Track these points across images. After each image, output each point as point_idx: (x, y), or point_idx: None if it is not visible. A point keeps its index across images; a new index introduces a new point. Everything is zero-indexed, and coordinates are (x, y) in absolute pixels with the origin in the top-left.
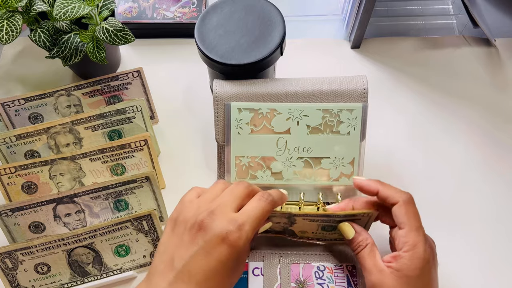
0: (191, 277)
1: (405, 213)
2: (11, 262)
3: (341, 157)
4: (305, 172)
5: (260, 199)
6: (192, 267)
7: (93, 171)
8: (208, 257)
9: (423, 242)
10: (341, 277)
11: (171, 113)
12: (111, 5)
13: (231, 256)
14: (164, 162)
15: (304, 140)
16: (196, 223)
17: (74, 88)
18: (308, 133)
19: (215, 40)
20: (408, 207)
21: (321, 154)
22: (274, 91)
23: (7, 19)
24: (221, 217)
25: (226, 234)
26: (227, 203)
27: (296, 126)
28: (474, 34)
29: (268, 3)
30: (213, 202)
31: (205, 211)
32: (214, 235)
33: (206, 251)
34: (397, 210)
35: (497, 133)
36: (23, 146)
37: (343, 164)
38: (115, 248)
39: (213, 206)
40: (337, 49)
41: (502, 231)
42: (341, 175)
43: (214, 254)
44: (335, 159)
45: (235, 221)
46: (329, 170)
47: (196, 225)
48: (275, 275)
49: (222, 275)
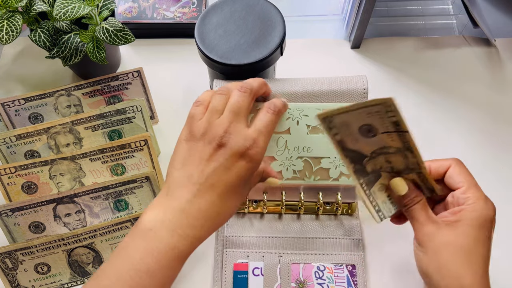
0: (214, 189)
1: (460, 173)
2: (11, 262)
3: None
4: (304, 171)
5: (268, 111)
6: (214, 181)
7: (93, 171)
8: (228, 171)
9: (485, 197)
10: (341, 277)
11: (171, 113)
12: (111, 5)
13: (248, 170)
14: (164, 162)
15: (304, 140)
16: (214, 141)
17: (74, 88)
18: (308, 133)
19: (215, 40)
20: (461, 166)
21: (321, 154)
22: (274, 91)
23: (7, 19)
24: (237, 134)
25: (244, 150)
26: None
27: (296, 126)
28: (474, 34)
29: (268, 3)
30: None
31: (221, 129)
32: (233, 152)
33: (226, 167)
34: (452, 172)
35: (497, 133)
36: (23, 146)
37: (343, 164)
38: (115, 248)
39: (225, 122)
40: (337, 49)
41: (502, 231)
42: (341, 175)
43: (234, 169)
44: (335, 158)
45: (251, 137)
46: (329, 170)
47: (214, 143)
48: (275, 275)
49: (239, 186)
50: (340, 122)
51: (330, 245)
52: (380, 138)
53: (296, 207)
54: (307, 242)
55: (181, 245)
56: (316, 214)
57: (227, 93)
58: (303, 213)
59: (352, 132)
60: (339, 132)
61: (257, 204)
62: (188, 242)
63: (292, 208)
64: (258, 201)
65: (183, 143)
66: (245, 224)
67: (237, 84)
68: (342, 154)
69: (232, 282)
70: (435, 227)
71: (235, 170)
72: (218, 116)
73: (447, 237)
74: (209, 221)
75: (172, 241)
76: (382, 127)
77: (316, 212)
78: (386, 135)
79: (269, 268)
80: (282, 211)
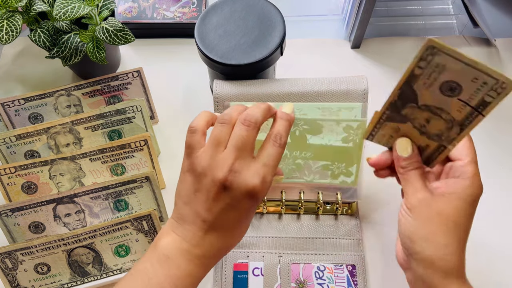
0: (223, 226)
1: (468, 146)
2: (11, 262)
3: (342, 164)
4: (304, 171)
5: (274, 144)
6: (222, 220)
7: (93, 171)
8: (236, 210)
9: (480, 176)
10: (341, 277)
11: (171, 113)
12: (111, 5)
13: (256, 205)
14: (164, 162)
15: (304, 147)
16: (219, 180)
17: (74, 88)
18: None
19: (215, 40)
20: (470, 140)
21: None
22: (274, 91)
23: (7, 19)
24: (243, 173)
25: (251, 190)
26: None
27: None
28: (474, 34)
29: (268, 3)
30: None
31: (226, 167)
32: (240, 193)
33: (233, 206)
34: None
35: (497, 133)
36: (23, 146)
37: (343, 169)
38: (115, 248)
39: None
40: (337, 49)
41: (502, 231)
42: (340, 175)
43: (242, 207)
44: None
45: (258, 175)
46: (328, 171)
47: (219, 183)
48: (275, 275)
49: (248, 218)
50: (439, 62)
51: (330, 245)
52: (451, 101)
53: (296, 207)
54: (307, 242)
55: (197, 272)
56: (316, 214)
57: (230, 123)
58: (303, 213)
59: (437, 78)
60: (425, 67)
61: None
62: (203, 269)
63: (292, 208)
64: None
65: (187, 175)
66: None
67: (241, 113)
68: (400, 85)
69: (232, 282)
70: (429, 195)
71: (243, 208)
72: (221, 149)
73: (440, 207)
74: (222, 250)
75: (189, 268)
76: (468, 95)
77: (316, 212)
78: (461, 104)
79: (269, 268)
80: (282, 211)
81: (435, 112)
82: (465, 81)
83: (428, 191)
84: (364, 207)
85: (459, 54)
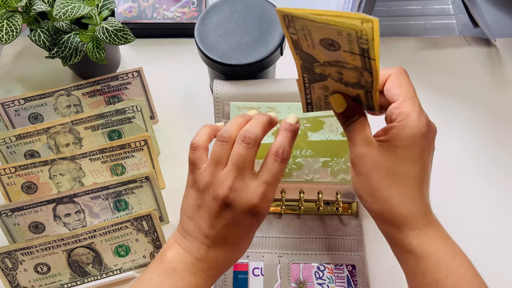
0: (226, 242)
1: (398, 84)
2: (11, 262)
3: (341, 159)
4: (304, 170)
5: (276, 159)
6: (225, 236)
7: (93, 171)
8: (238, 227)
9: (418, 112)
10: (341, 277)
11: (171, 113)
12: (111, 5)
13: (259, 221)
14: (164, 162)
15: (305, 145)
16: (220, 198)
17: (74, 88)
18: (308, 139)
19: (215, 40)
20: (400, 77)
21: (321, 156)
22: (274, 91)
23: (7, 19)
24: (243, 192)
25: (252, 208)
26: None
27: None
28: (474, 34)
29: (268, 3)
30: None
31: (225, 185)
32: (240, 211)
33: (235, 224)
34: (390, 84)
35: (497, 133)
36: (23, 146)
37: (343, 165)
38: (115, 248)
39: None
40: None
41: (502, 231)
42: (340, 174)
43: (244, 224)
44: (335, 160)
45: (258, 193)
46: (328, 169)
47: (220, 201)
48: (275, 275)
49: (250, 234)
50: (302, 26)
51: (330, 245)
52: (340, 54)
53: (296, 207)
54: (307, 242)
55: (201, 284)
56: (316, 214)
57: (229, 141)
58: (303, 213)
59: (311, 38)
60: (296, 33)
61: None
62: (208, 281)
63: (292, 208)
64: None
65: (191, 191)
66: None
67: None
68: (293, 51)
69: (232, 282)
70: (367, 148)
71: (245, 225)
72: (221, 167)
73: (376, 159)
74: (226, 264)
75: (195, 281)
76: (348, 47)
77: (316, 212)
78: (349, 54)
79: (269, 268)
80: (282, 211)
81: (339, 65)
82: (334, 36)
83: (368, 144)
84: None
85: (311, 15)
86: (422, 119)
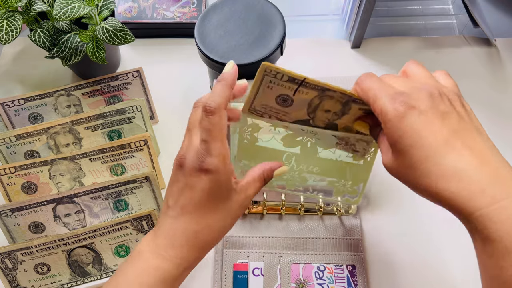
0: (183, 209)
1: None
2: (11, 262)
3: (348, 182)
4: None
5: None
6: (182, 202)
7: (93, 171)
8: (192, 189)
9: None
10: (341, 277)
11: (171, 113)
12: (111, 5)
13: (212, 181)
14: (164, 162)
15: (313, 161)
16: (175, 164)
17: (74, 88)
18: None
19: (215, 40)
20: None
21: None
22: None
23: (7, 19)
24: (189, 152)
25: (199, 165)
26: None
27: (306, 147)
28: (474, 34)
29: (268, 3)
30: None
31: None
32: (189, 170)
33: (189, 185)
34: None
35: (497, 132)
36: (23, 146)
37: (349, 188)
38: (115, 248)
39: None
40: (337, 49)
41: None
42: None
43: (197, 186)
44: (341, 182)
45: (200, 150)
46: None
47: (175, 165)
48: (275, 275)
49: (209, 201)
50: (260, 105)
51: (330, 245)
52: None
53: (296, 208)
54: (307, 242)
55: (166, 266)
56: (316, 214)
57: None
58: (303, 213)
59: (276, 109)
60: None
61: (257, 205)
62: (173, 263)
63: (292, 209)
64: (258, 202)
65: None
66: (245, 224)
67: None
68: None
69: (232, 282)
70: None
71: (198, 186)
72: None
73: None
74: (189, 241)
75: (156, 262)
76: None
77: (316, 212)
78: (298, 93)
79: (269, 268)
80: (282, 212)
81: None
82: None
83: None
84: (364, 207)
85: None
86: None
